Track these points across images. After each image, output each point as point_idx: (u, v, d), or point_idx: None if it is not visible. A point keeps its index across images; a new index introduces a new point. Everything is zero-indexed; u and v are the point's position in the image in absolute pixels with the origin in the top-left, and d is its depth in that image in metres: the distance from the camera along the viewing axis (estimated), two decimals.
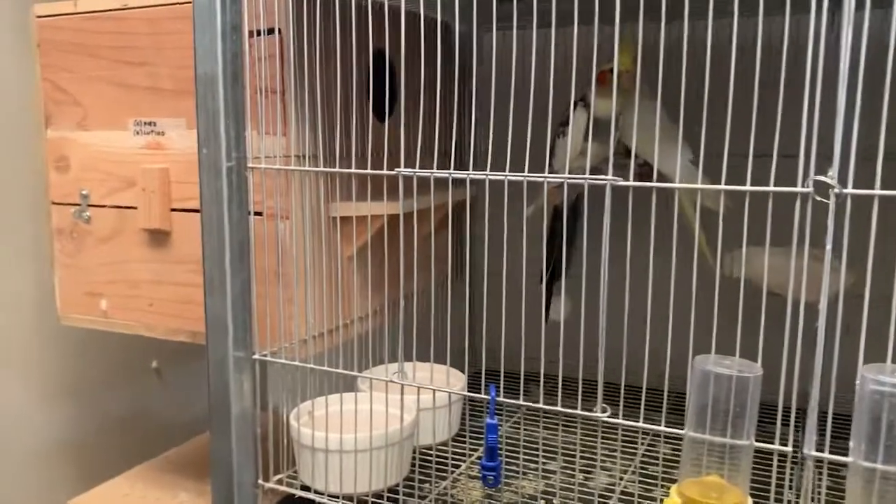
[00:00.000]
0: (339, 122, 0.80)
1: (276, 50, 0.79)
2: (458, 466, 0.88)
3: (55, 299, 1.00)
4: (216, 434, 0.79)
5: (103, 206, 0.94)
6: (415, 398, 0.82)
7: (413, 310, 0.98)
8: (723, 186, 0.61)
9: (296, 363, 0.79)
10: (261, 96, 0.79)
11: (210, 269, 0.76)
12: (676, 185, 0.70)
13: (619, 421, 0.63)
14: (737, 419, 0.55)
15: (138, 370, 1.35)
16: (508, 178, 0.67)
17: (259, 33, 0.78)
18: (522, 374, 0.65)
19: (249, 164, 0.76)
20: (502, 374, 0.89)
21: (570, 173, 0.95)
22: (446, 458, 0.89)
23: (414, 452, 0.83)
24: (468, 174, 0.68)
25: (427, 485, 0.84)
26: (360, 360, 0.95)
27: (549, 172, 0.97)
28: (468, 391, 0.84)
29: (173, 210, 0.90)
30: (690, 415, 0.57)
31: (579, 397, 0.62)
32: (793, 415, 0.61)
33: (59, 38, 0.93)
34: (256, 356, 0.79)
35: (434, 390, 0.75)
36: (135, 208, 0.92)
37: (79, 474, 1.26)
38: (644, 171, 0.96)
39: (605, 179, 0.67)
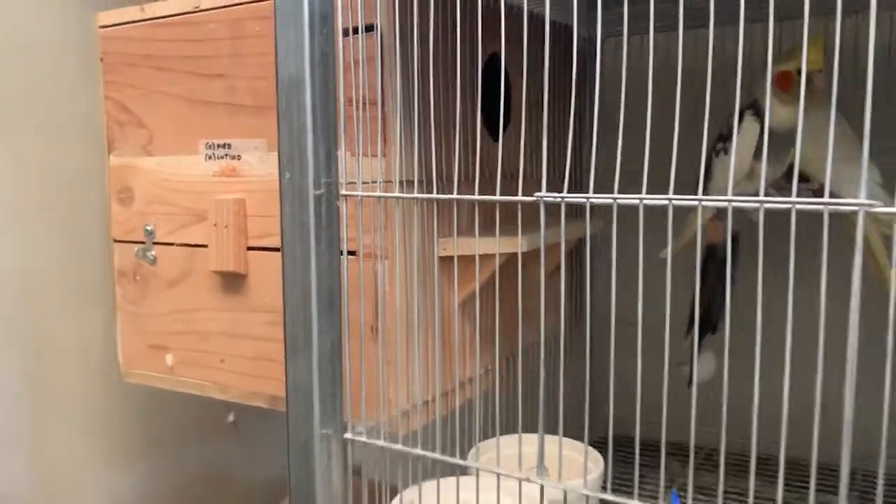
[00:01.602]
0: (455, 141, 0.64)
1: (374, 52, 0.64)
2: None
3: (117, 352, 0.86)
4: None
5: (170, 244, 0.80)
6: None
7: (527, 369, 0.80)
8: None
9: (399, 447, 0.61)
10: (356, 108, 0.63)
11: (292, 325, 0.60)
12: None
13: None
14: None
15: (213, 424, 1.21)
16: (674, 201, 0.49)
17: (354, 32, 0.62)
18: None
19: (343, 192, 0.60)
20: (637, 446, 0.70)
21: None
22: None
23: None
24: (671, 198, 0.49)
25: None
26: (465, 434, 0.77)
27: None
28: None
29: (250, 248, 0.75)
30: None
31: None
32: None
33: (125, 49, 0.80)
34: (349, 435, 0.62)
35: (565, 491, 0.56)
36: (205, 246, 0.77)
37: None
38: (818, 196, 0.76)
39: (788, 202, 0.48)
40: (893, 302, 0.43)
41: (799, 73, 0.70)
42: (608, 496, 0.51)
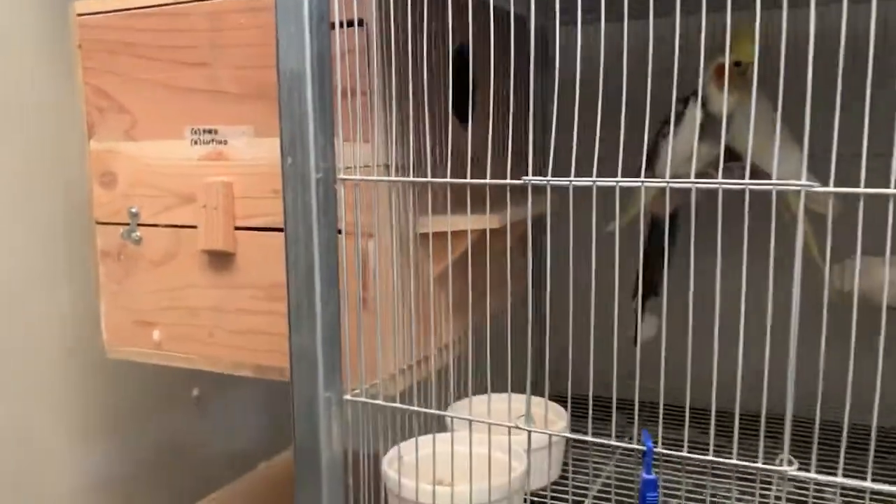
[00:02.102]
0: (432, 126, 0.70)
1: (360, 44, 0.69)
2: None
3: (101, 330, 0.90)
4: (304, 485, 0.68)
5: (156, 226, 0.84)
6: (517, 439, 0.72)
7: (494, 335, 0.88)
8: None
9: (396, 405, 0.68)
10: (344, 98, 0.69)
11: (297, 298, 0.66)
12: (853, 190, 0.59)
13: (812, 475, 0.52)
14: None
15: (178, 399, 1.24)
16: (621, 183, 0.57)
17: (342, 25, 0.68)
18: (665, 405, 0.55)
19: (340, 176, 0.66)
20: (591, 402, 0.79)
21: (673, 178, 0.86)
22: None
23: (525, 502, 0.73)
24: (618, 181, 0.57)
25: None
26: (443, 394, 0.85)
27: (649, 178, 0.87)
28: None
29: (237, 228, 0.80)
30: None
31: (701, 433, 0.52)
32: None
33: (104, 37, 0.83)
34: (348, 396, 0.69)
35: (550, 434, 0.65)
36: (193, 227, 0.81)
37: None
38: (755, 176, 0.86)
39: (717, 183, 0.57)
40: (826, 280, 0.53)
41: (734, 64, 0.79)
42: (588, 437, 0.59)
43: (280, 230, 0.76)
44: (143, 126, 0.83)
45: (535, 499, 0.77)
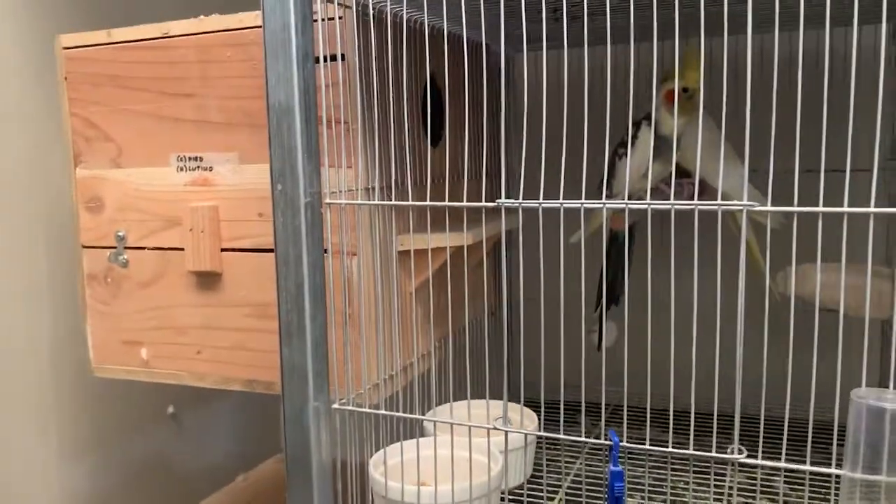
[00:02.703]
0: (407, 151, 0.76)
1: (339, 77, 0.74)
2: None
3: (87, 349, 0.93)
4: (296, 491, 0.73)
5: (143, 248, 0.88)
6: (493, 440, 0.77)
7: (467, 344, 0.94)
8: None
9: (381, 412, 0.73)
10: (329, 127, 0.74)
11: (287, 314, 0.70)
12: (788, 209, 0.67)
13: (759, 462, 0.59)
14: None
15: (154, 417, 1.27)
16: (585, 205, 0.64)
17: (325, 59, 0.73)
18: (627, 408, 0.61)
19: (327, 200, 0.71)
20: (562, 407, 0.85)
21: (630, 195, 0.93)
22: (532, 501, 0.84)
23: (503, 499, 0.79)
24: (583, 203, 0.64)
25: None
26: (425, 400, 0.90)
27: (608, 195, 0.94)
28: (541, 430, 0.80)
29: (224, 250, 0.84)
30: (856, 453, 0.54)
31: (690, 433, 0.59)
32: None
33: (90, 70, 0.87)
34: (336, 405, 0.73)
35: (526, 434, 0.70)
36: (180, 249, 0.85)
37: None
38: (703, 190, 0.93)
39: (669, 204, 0.63)
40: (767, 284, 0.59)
41: (683, 91, 0.86)
42: (561, 435, 0.65)
43: (265, 251, 0.82)
44: (129, 154, 0.87)
45: (512, 496, 0.83)
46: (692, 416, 0.60)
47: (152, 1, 1.12)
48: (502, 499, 0.78)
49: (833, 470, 0.57)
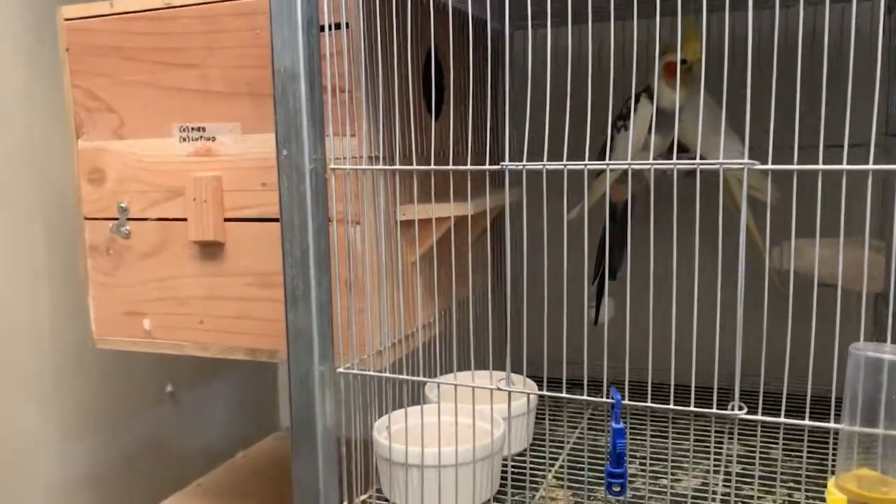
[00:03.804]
0: (409, 121, 0.77)
1: (343, 46, 0.75)
2: (538, 474, 0.84)
3: (90, 322, 0.93)
4: (301, 456, 0.73)
5: (145, 220, 0.88)
6: (497, 407, 0.78)
7: (471, 315, 0.94)
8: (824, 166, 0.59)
9: (385, 374, 0.74)
10: (333, 95, 0.75)
11: (293, 280, 0.71)
12: (787, 167, 0.68)
13: (759, 417, 0.60)
14: None
15: (154, 395, 1.28)
16: (589, 166, 0.64)
17: (330, 28, 0.74)
18: (627, 377, 0.62)
19: (331, 166, 0.72)
20: (564, 380, 0.86)
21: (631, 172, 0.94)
22: (533, 466, 0.85)
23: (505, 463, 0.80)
24: (587, 164, 0.64)
25: (517, 496, 0.80)
26: (428, 368, 0.91)
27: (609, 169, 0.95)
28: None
29: (227, 220, 0.85)
30: (854, 406, 0.55)
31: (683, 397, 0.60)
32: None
33: (93, 41, 0.87)
34: (341, 370, 0.74)
35: (528, 393, 0.71)
36: (182, 220, 0.86)
37: None
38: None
39: (672, 164, 0.65)
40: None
41: (682, 62, 0.87)
42: (564, 394, 0.66)
43: (268, 220, 0.82)
44: (131, 125, 0.87)
45: (514, 463, 0.84)
46: (693, 375, 0.62)
47: None
48: (504, 464, 0.79)
49: (832, 424, 0.58)
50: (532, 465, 0.86)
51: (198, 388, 1.36)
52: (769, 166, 0.59)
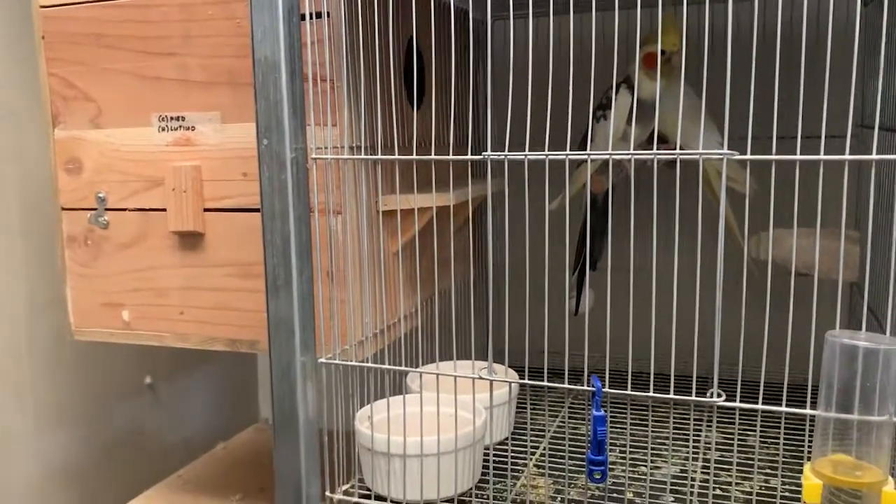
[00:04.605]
0: (391, 110, 0.76)
1: (325, 35, 0.75)
2: (519, 463, 0.85)
3: (67, 314, 0.92)
4: (282, 446, 0.73)
5: (124, 210, 0.88)
6: (478, 396, 0.79)
7: (453, 306, 0.94)
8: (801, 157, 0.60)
9: (366, 364, 0.74)
10: (314, 84, 0.74)
11: (274, 269, 0.71)
12: (765, 157, 0.68)
13: (737, 404, 0.61)
14: (882, 394, 0.54)
15: (132, 387, 1.27)
16: (570, 156, 0.65)
17: (311, 16, 0.73)
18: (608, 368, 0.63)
19: (313, 156, 0.72)
20: (546, 371, 0.86)
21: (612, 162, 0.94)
22: (514, 455, 0.86)
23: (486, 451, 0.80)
24: (568, 154, 0.65)
25: (499, 485, 0.81)
26: (410, 359, 0.91)
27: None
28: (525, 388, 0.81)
29: (206, 210, 0.84)
30: (829, 393, 0.56)
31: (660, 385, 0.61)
32: None
33: (69, 29, 0.86)
34: (322, 360, 0.74)
35: (510, 382, 0.72)
36: (161, 210, 0.85)
37: (82, 501, 1.17)
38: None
39: (652, 154, 0.65)
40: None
41: (661, 53, 0.87)
42: (545, 383, 0.66)
43: (248, 210, 0.82)
44: (109, 114, 0.87)
45: (495, 451, 0.85)
46: (672, 364, 0.62)
47: None
48: (486, 453, 0.80)
49: (808, 411, 0.59)
50: (514, 454, 0.86)
51: (177, 379, 1.35)
52: (748, 156, 0.60)
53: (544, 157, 0.64)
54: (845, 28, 0.63)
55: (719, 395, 0.61)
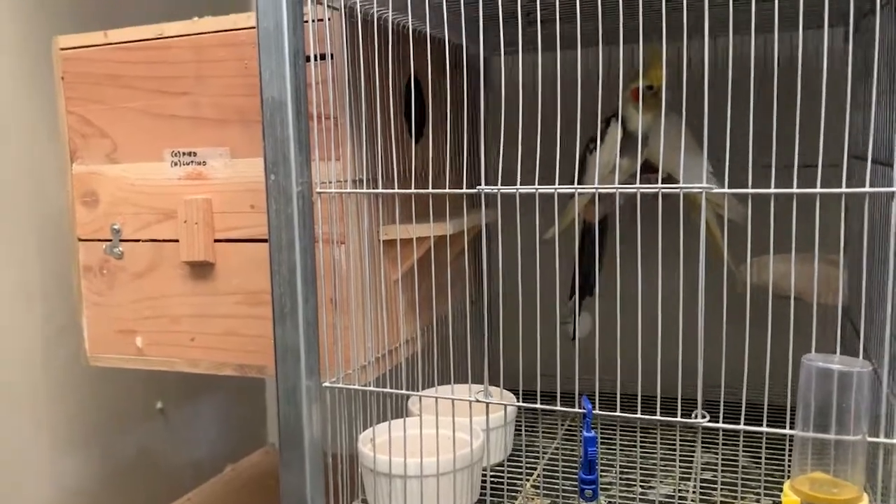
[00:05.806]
0: (391, 145, 0.81)
1: (328, 75, 0.79)
2: (517, 484, 0.88)
3: (83, 341, 0.96)
4: (289, 468, 0.77)
5: (137, 241, 0.92)
6: (476, 419, 0.82)
7: (451, 331, 0.98)
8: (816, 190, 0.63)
9: (368, 388, 0.78)
10: (319, 122, 0.78)
11: (281, 297, 0.75)
12: (742, 191, 0.72)
13: (721, 425, 0.64)
14: (856, 415, 0.57)
15: (144, 412, 1.30)
16: (559, 190, 0.68)
17: (315, 58, 0.78)
18: (610, 389, 0.66)
19: (317, 190, 0.76)
20: (538, 393, 0.90)
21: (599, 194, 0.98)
22: (511, 476, 0.88)
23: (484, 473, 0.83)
24: (557, 188, 0.69)
25: None
26: (410, 383, 0.94)
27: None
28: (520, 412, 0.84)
29: (217, 241, 0.88)
30: (807, 413, 0.59)
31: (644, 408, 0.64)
32: None
33: (87, 70, 0.91)
34: (327, 384, 0.78)
35: (505, 405, 0.75)
36: (174, 241, 0.89)
37: None
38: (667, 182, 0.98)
39: (635, 188, 0.69)
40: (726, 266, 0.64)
41: (647, 88, 0.92)
42: (538, 405, 0.69)
43: (257, 241, 0.86)
44: (124, 150, 0.91)
45: (492, 473, 0.88)
46: (658, 386, 0.65)
47: (142, 4, 1.16)
48: (484, 474, 0.83)
49: (787, 430, 0.62)
50: (510, 475, 0.89)
51: (187, 404, 1.38)
52: (725, 189, 0.63)
53: (534, 190, 0.68)
54: (832, 62, 0.66)
55: (703, 417, 0.65)
